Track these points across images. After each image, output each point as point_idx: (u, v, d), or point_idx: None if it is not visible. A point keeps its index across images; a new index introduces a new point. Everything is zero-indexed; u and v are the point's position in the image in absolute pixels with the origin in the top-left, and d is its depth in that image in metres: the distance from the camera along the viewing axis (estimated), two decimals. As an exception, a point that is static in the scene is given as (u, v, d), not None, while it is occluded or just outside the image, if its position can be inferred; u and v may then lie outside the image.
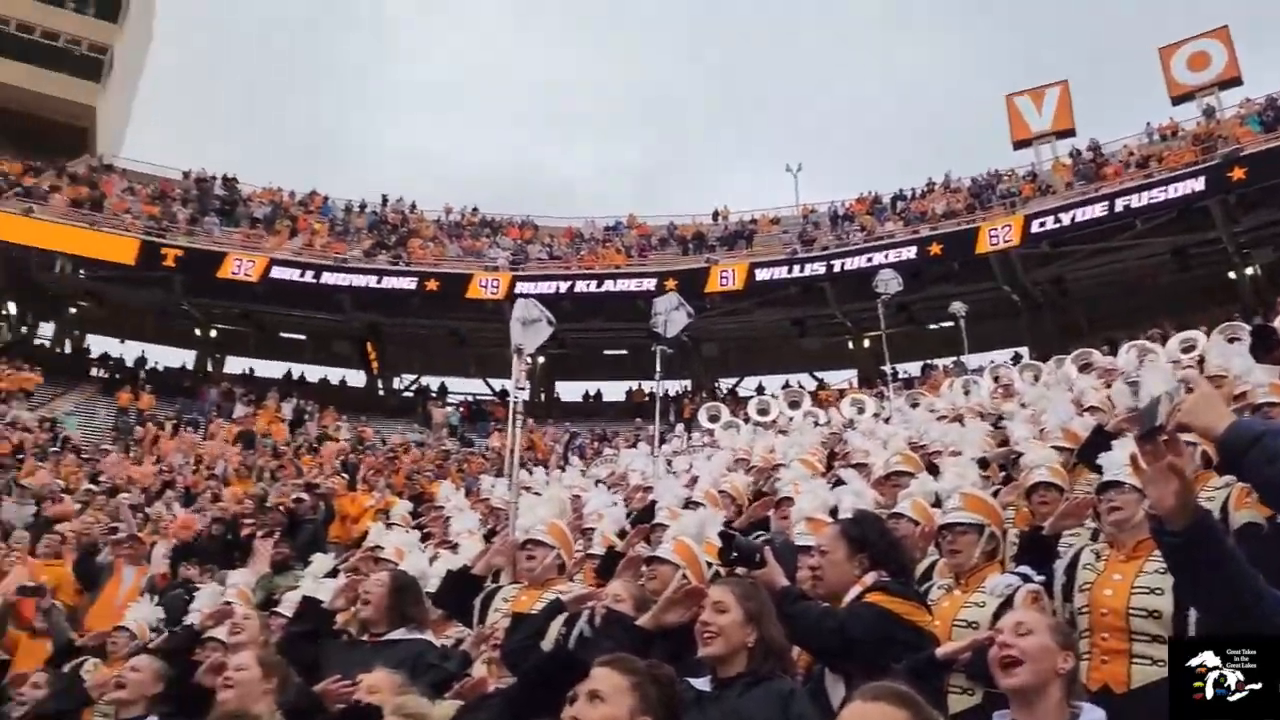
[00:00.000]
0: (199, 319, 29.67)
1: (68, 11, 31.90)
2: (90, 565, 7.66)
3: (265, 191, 32.08)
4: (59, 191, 26.86)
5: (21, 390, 22.93)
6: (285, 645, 4.13)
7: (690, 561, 3.89)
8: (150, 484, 13.23)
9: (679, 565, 3.84)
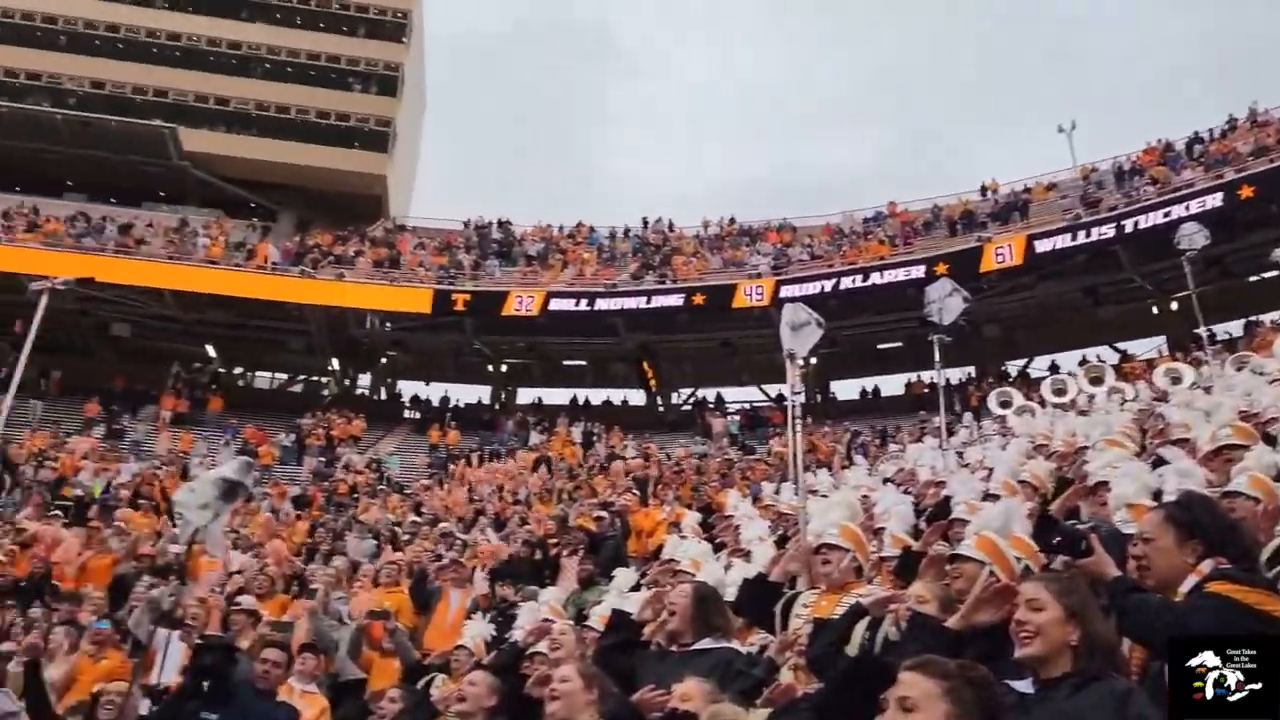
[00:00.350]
0: (490, 356, 31.88)
1: (354, 94, 35.56)
2: (423, 590, 8.43)
3: (536, 229, 34.05)
4: (362, 255, 29.84)
5: (351, 437, 25.68)
6: (601, 657, 4.32)
7: (996, 557, 3.69)
8: (464, 513, 14.37)
9: (984, 562, 3.65)
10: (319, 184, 34.56)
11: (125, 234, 28.59)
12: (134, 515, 14.85)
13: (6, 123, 31.67)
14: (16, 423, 23.83)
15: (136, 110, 33.33)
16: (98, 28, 34.63)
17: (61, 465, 19.85)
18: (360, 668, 7.59)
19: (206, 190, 34.55)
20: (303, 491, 19.26)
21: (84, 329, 28.89)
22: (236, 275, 27.33)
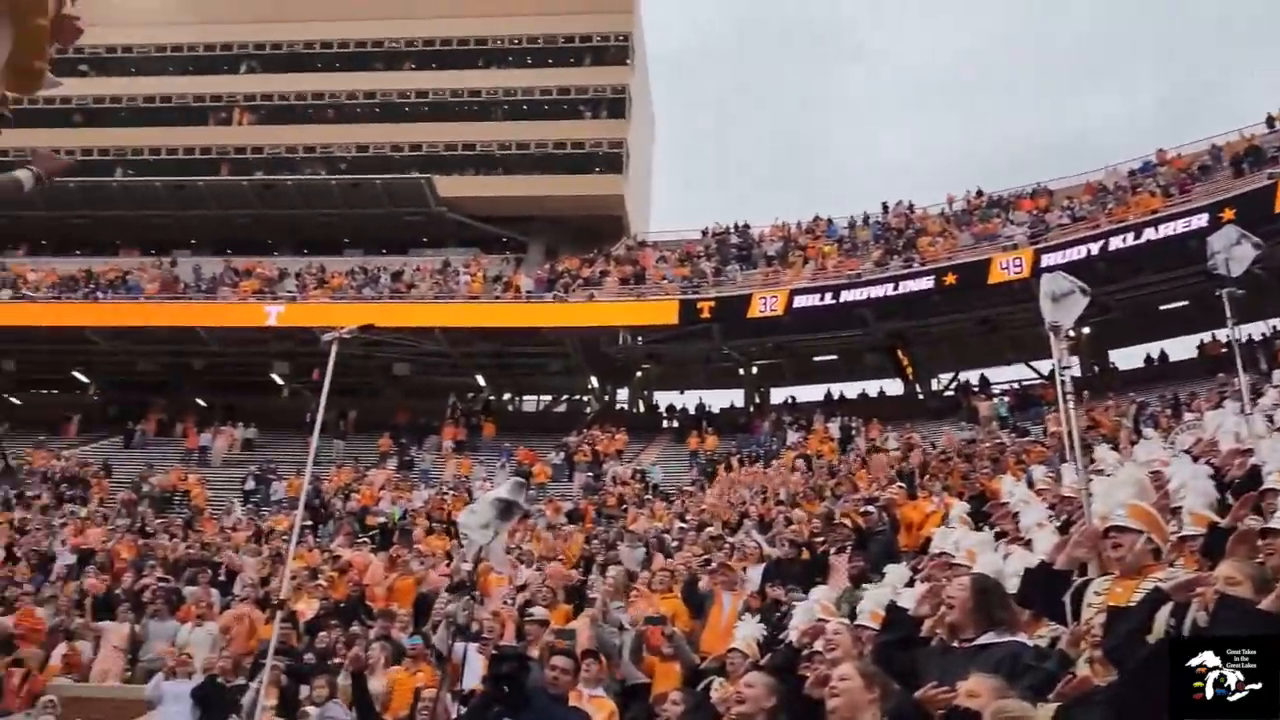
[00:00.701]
0: (740, 359, 32.07)
1: (586, 121, 37.00)
2: (695, 594, 8.59)
3: (774, 229, 33.96)
4: (609, 275, 30.91)
5: (615, 451, 26.61)
6: (879, 654, 4.23)
7: (1321, 529, 3.29)
8: (728, 516, 14.52)
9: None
10: (562, 211, 36.20)
11: (397, 281, 31.18)
12: (429, 539, 16.14)
13: (292, 194, 35.46)
14: (323, 461, 26.61)
15: (396, 166, 36.32)
16: (358, 96, 38.06)
17: (363, 496, 21.90)
18: (643, 672, 7.83)
19: (463, 231, 37.09)
20: (575, 506, 20.14)
21: (370, 371, 31.73)
22: (496, 307, 29.11)
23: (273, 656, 8.85)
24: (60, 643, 11.71)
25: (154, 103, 38.13)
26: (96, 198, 35.26)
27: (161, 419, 30.73)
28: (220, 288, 31.11)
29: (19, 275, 32.00)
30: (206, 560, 14.91)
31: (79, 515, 19.72)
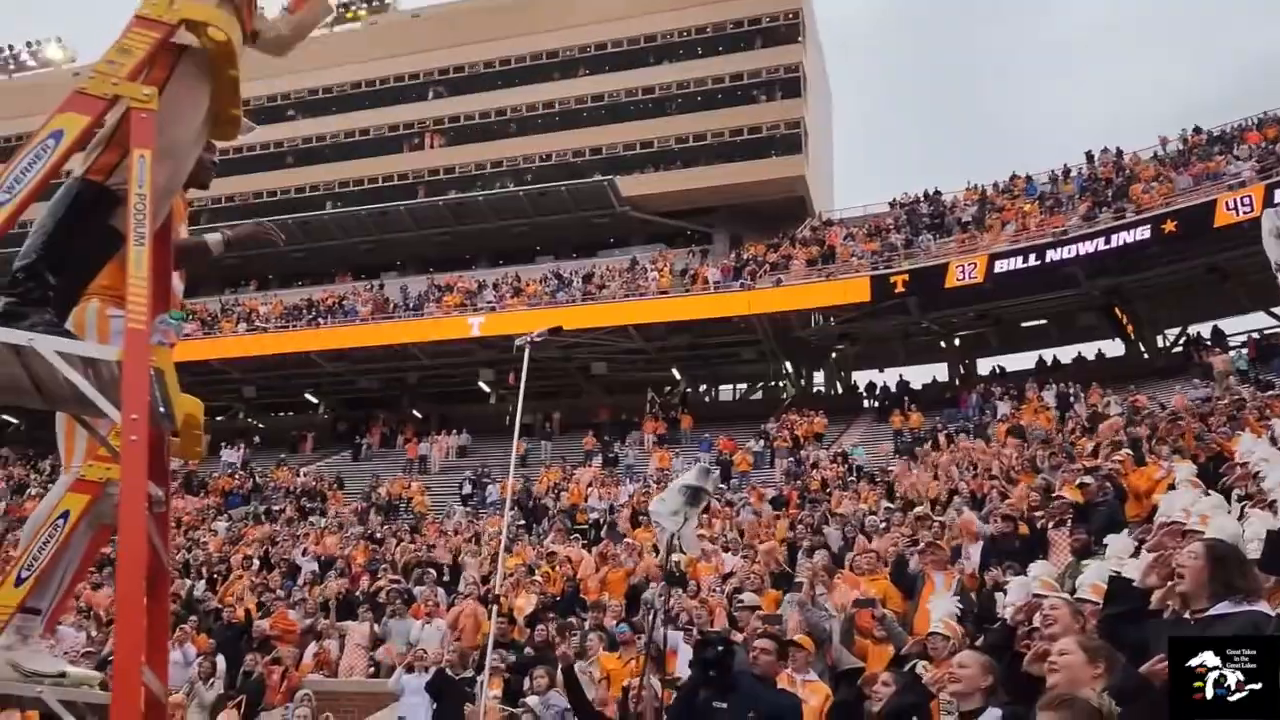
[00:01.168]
0: (940, 332, 30.94)
1: (761, 105, 36.69)
2: (904, 575, 8.37)
3: (968, 193, 32.54)
4: (795, 257, 30.51)
5: (814, 434, 26.28)
6: (1104, 628, 3.99)
7: None
8: (937, 494, 14.04)
9: None
10: (744, 198, 36.05)
11: (588, 283, 31.96)
12: (636, 532, 16.50)
13: (484, 208, 37.03)
14: (532, 462, 27.70)
15: (580, 171, 37.28)
16: (537, 108, 39.34)
17: (572, 494, 22.60)
18: (856, 655, 7.70)
19: (648, 228, 37.62)
20: (778, 492, 20.02)
21: (570, 372, 32.70)
22: (685, 300, 29.30)
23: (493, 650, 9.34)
24: (311, 642, 12.74)
25: (354, 137, 40.79)
26: (311, 231, 38.12)
27: (384, 432, 32.80)
28: (426, 304, 32.87)
29: (251, 309, 34.97)
30: (431, 561, 15.82)
31: (318, 525, 21.36)
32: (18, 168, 2.34)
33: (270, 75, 41.37)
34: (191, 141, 2.80)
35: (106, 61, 2.52)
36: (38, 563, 2.70)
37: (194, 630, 12.40)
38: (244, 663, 11.78)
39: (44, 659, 2.97)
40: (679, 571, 11.27)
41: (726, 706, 5.23)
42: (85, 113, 2.45)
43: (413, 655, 10.64)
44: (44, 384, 2.47)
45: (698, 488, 5.01)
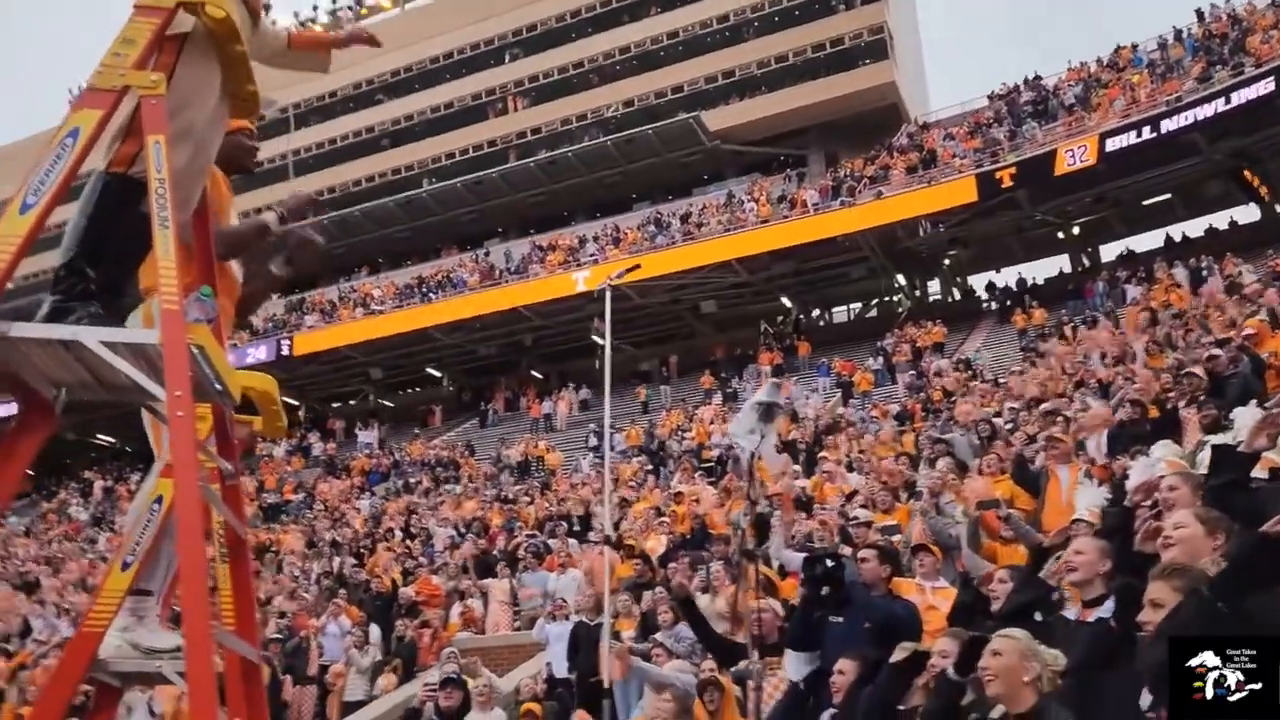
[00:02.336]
0: (1056, 222, 29.59)
1: (841, 15, 35.38)
2: (1025, 473, 8.09)
3: (1070, 73, 30.84)
4: (894, 168, 29.55)
5: (935, 344, 25.61)
6: (1213, 498, 3.76)
7: None
8: (1063, 388, 13.50)
9: None
10: (834, 114, 35.00)
11: (686, 223, 31.72)
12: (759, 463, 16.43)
13: (575, 163, 37.01)
14: (654, 409, 27.92)
15: (664, 112, 36.81)
16: (614, 54, 38.97)
17: (696, 434, 22.68)
18: (986, 559, 7.51)
19: (740, 160, 37.00)
20: (902, 408, 19.63)
21: (680, 315, 32.67)
22: (786, 227, 28.75)
23: (627, 592, 9.51)
24: (455, 603, 13.22)
25: (440, 111, 41.28)
26: (413, 210, 38.97)
27: (508, 396, 33.56)
28: (531, 266, 33.26)
29: (366, 294, 36.07)
30: (564, 515, 16.18)
31: (454, 492, 22.08)
32: (41, 171, 2.42)
33: (353, 64, 42.31)
34: (208, 121, 2.84)
35: (112, 54, 2.56)
36: (140, 547, 2.84)
37: (346, 603, 13.03)
38: (395, 629, 12.34)
39: (160, 636, 3.14)
40: (807, 497, 11.23)
41: (842, 620, 5.19)
42: (98, 107, 2.50)
43: (553, 606, 10.94)
44: (102, 376, 2.57)
45: (770, 403, 4.94)
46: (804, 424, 18.95)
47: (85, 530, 28.92)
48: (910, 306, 31.94)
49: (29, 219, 2.35)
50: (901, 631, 4.73)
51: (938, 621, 5.73)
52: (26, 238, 2.33)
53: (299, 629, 12.54)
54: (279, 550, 19.40)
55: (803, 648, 5.57)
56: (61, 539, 27.72)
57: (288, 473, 30.13)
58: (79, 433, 37.04)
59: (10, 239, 2.32)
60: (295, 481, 28.75)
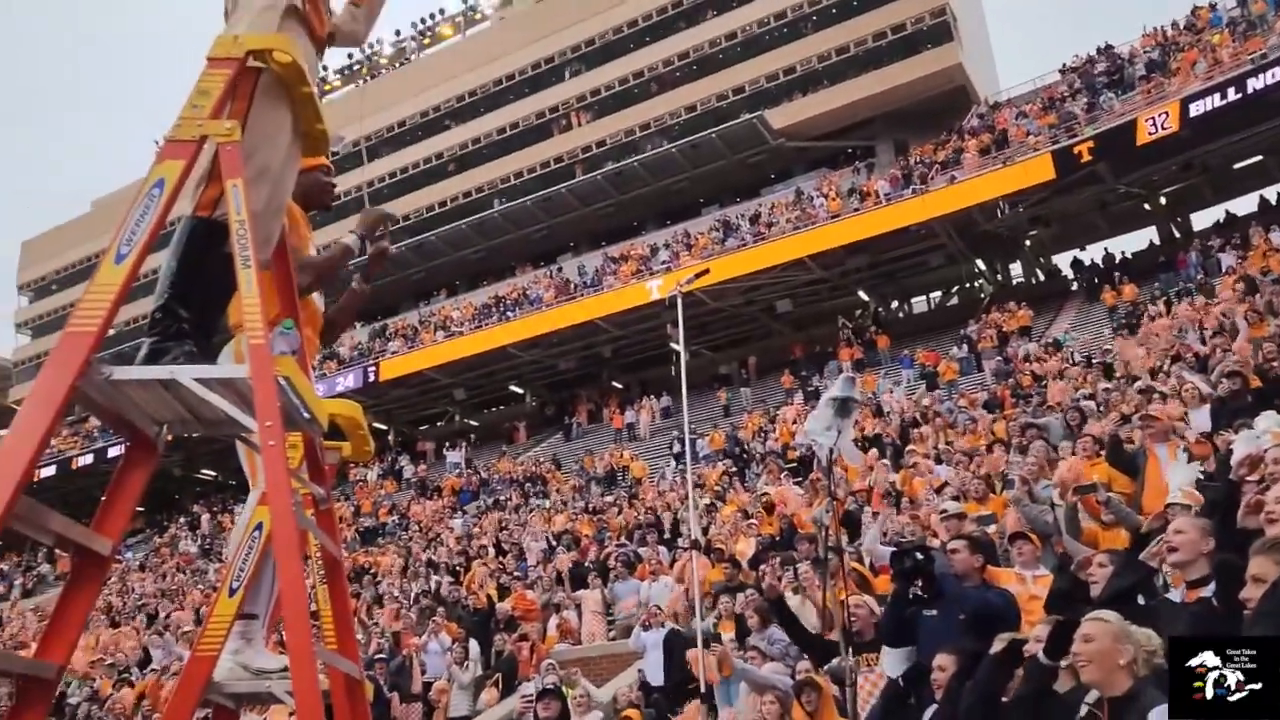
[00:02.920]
0: (1141, 194, 28.69)
1: (898, 2, 34.78)
2: (1120, 454, 7.85)
3: (1145, 39, 29.85)
4: (966, 150, 28.97)
5: (1021, 328, 25.02)
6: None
7: None
8: (1156, 364, 13.08)
9: None
10: (901, 102, 34.46)
11: (755, 224, 31.58)
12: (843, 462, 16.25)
13: (641, 173, 37.15)
14: (735, 411, 27.85)
15: (727, 114, 36.71)
16: (673, 61, 39.05)
17: (780, 434, 22.53)
18: (1085, 544, 7.33)
19: (806, 156, 36.72)
20: (991, 395, 19.22)
21: (756, 316, 32.52)
22: (858, 220, 28.38)
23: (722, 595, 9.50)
24: (551, 615, 13.37)
25: (505, 132, 41.88)
26: (485, 230, 39.60)
27: (590, 408, 33.82)
28: (604, 278, 33.48)
29: (445, 316, 36.74)
30: (652, 523, 16.24)
31: (543, 507, 22.32)
32: (131, 221, 2.55)
33: (419, 92, 43.26)
34: (283, 161, 2.96)
35: (190, 106, 2.69)
36: (244, 573, 2.97)
37: (444, 620, 13.27)
38: (494, 644, 12.53)
39: (268, 657, 3.27)
40: (896, 491, 11.09)
41: (936, 613, 5.12)
42: (179, 158, 2.63)
43: (647, 614, 11.00)
44: (199, 412, 2.70)
45: (845, 398, 4.89)
46: (889, 418, 18.64)
47: (195, 561, 30.00)
48: (993, 291, 31.26)
49: (124, 268, 2.48)
50: (998, 621, 4.65)
51: (1040, 611, 5.61)
52: (123, 286, 2.45)
53: (402, 648, 12.82)
54: (376, 572, 19.87)
55: (898, 643, 5.51)
56: (174, 571, 28.81)
57: (381, 496, 30.84)
58: (184, 468, 38.57)
59: (108, 288, 2.45)
60: (389, 504, 29.40)
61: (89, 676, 14.98)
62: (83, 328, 2.39)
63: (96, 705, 13.56)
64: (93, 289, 2.44)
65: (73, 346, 2.37)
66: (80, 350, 2.37)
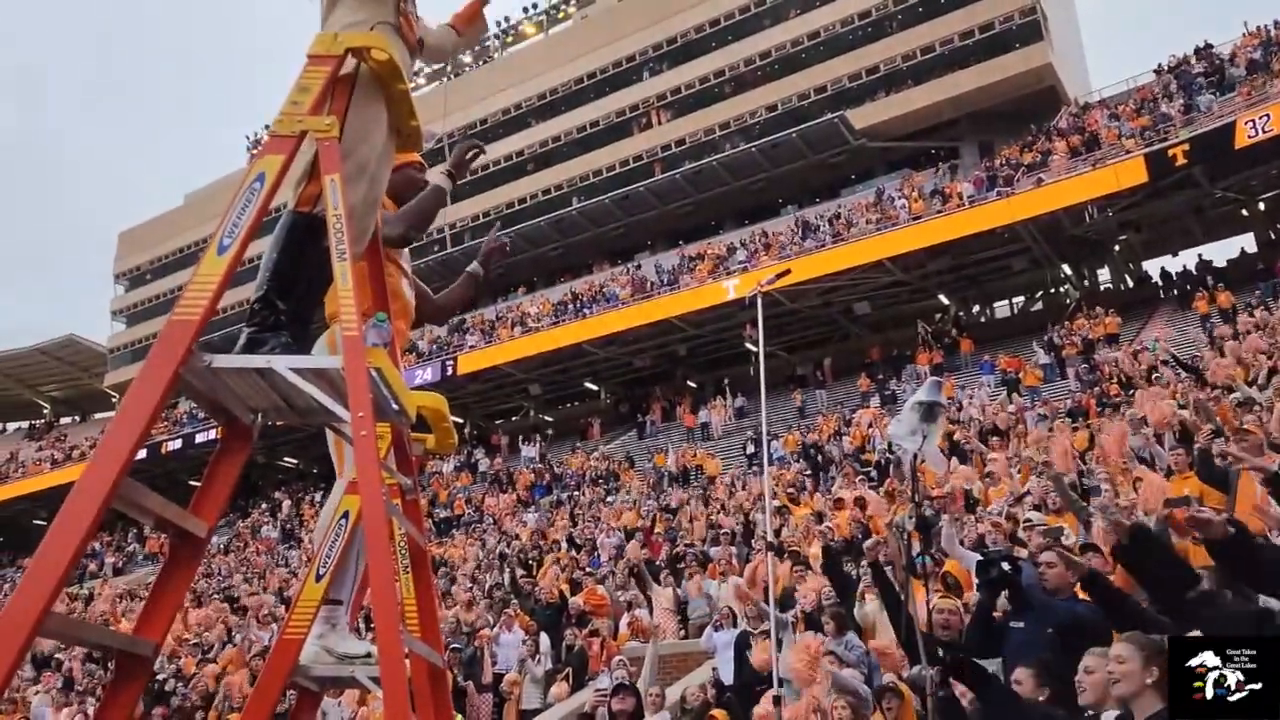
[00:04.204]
0: (1239, 199, 27.67)
1: (985, 1, 33.98)
2: (1211, 468, 7.58)
3: (1247, 38, 28.78)
4: (1054, 152, 28.23)
5: (1107, 335, 24.34)
6: None
7: None
8: (1255, 375, 12.58)
9: None
10: (988, 102, 33.76)
11: (835, 224, 31.23)
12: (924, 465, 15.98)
13: (720, 172, 37.00)
14: (810, 413, 27.59)
15: (809, 114, 36.37)
16: (754, 60, 38.86)
17: (854, 437, 22.26)
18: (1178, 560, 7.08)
19: (888, 156, 36.20)
20: (1075, 403, 18.73)
21: (833, 319, 32.18)
22: (940, 222, 27.84)
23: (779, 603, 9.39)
24: (623, 612, 13.40)
25: (585, 130, 42.15)
26: (564, 227, 39.87)
27: (664, 406, 33.83)
28: (681, 277, 33.45)
29: (523, 312, 37.12)
30: (724, 523, 16.18)
31: (615, 503, 22.40)
32: (233, 213, 2.63)
33: (501, 90, 43.77)
34: (379, 158, 3.01)
35: (291, 103, 2.76)
36: (330, 559, 3.04)
37: (517, 613, 13.40)
38: (564, 638, 12.61)
39: (352, 643, 3.34)
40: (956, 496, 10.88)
41: (1023, 625, 4.99)
42: (279, 152, 2.70)
43: (719, 615, 10.96)
44: (293, 401, 2.77)
45: (931, 403, 4.79)
46: (968, 424, 18.29)
47: (276, 546, 30.83)
48: (1080, 296, 30.42)
49: (226, 259, 2.55)
50: (1089, 634, 4.51)
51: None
52: (224, 276, 2.53)
53: (474, 639, 12.98)
54: (451, 563, 20.17)
55: (984, 655, 5.39)
56: (256, 555, 29.65)
57: (457, 489, 31.29)
58: (267, 456, 39.64)
59: (210, 278, 2.53)
60: (464, 497, 29.82)
61: (175, 655, 15.47)
62: (187, 316, 2.47)
63: (182, 683, 14.02)
64: (196, 279, 2.52)
65: (177, 334, 2.45)
66: (184, 338, 2.45)
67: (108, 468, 2.26)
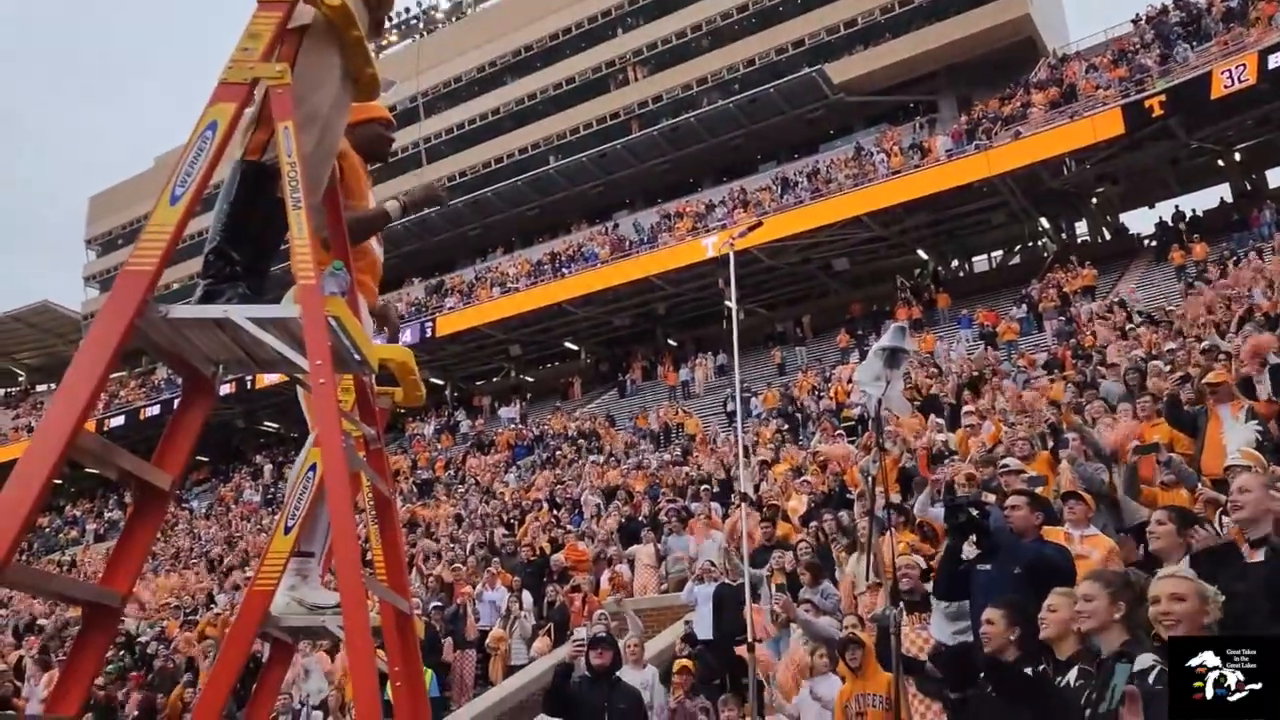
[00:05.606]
0: (1215, 150, 27.77)
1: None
2: (1180, 414, 7.67)
3: (1224, -13, 28.64)
4: (1032, 105, 28.16)
5: (1084, 288, 24.44)
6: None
7: None
8: (1220, 323, 12.70)
9: None
10: (965, 54, 33.56)
11: (813, 180, 31.14)
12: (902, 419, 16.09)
13: (698, 129, 36.64)
14: (790, 370, 27.71)
15: (786, 68, 36.11)
16: (731, 14, 38.46)
17: (834, 393, 22.35)
18: (1144, 506, 7.20)
19: (866, 111, 36.01)
20: (1051, 355, 18.85)
21: (813, 274, 32.19)
22: (917, 177, 27.80)
23: (773, 552, 9.50)
24: (604, 569, 13.51)
25: (561, 87, 41.72)
26: (541, 187, 39.52)
27: (644, 365, 33.87)
28: (660, 235, 33.34)
29: (502, 273, 36.95)
30: (705, 479, 16.27)
31: (597, 462, 22.46)
32: (185, 163, 2.58)
33: (475, 46, 43.19)
34: (332, 105, 2.97)
35: (240, 49, 2.71)
36: (299, 512, 3.04)
37: (499, 570, 13.50)
38: (546, 594, 12.72)
39: (323, 593, 3.36)
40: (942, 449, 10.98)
41: (991, 568, 5.07)
42: (231, 100, 2.65)
43: (701, 569, 11.07)
44: (253, 351, 2.75)
45: (894, 348, 4.82)
46: (946, 378, 18.39)
47: (258, 510, 30.83)
48: (1057, 250, 30.55)
49: (179, 208, 2.52)
50: (1054, 575, 4.58)
51: (1086, 570, 5.53)
52: (179, 225, 2.49)
53: (456, 596, 13.08)
54: (432, 524, 20.23)
55: (950, 597, 5.47)
56: (238, 519, 29.65)
57: (438, 450, 31.31)
58: (247, 420, 39.53)
59: (164, 228, 2.49)
60: (445, 458, 29.85)
61: (159, 617, 15.53)
62: (140, 266, 2.44)
63: (164, 645, 14.07)
64: (149, 229, 2.48)
65: (131, 284, 2.42)
66: (138, 288, 2.42)
67: (66, 415, 2.24)
